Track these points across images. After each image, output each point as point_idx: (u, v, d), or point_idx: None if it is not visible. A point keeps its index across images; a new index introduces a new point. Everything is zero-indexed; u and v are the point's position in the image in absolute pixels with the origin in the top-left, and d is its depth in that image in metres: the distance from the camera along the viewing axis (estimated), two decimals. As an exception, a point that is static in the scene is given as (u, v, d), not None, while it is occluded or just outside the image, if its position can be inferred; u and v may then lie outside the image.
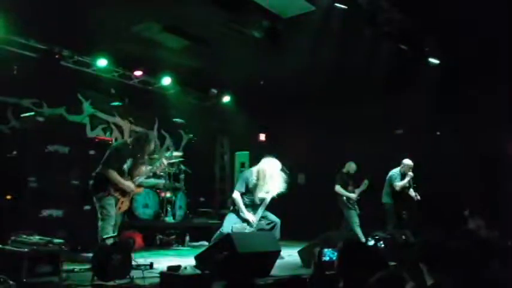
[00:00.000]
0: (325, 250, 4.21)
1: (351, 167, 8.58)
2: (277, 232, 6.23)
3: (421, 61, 8.14)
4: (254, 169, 6.43)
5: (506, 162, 8.17)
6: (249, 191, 6.28)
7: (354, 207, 8.32)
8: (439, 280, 2.63)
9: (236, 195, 6.27)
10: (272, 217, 6.36)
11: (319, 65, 8.09)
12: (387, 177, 8.22)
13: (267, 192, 6.30)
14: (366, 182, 8.30)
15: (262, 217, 6.28)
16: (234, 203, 6.32)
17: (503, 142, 8.18)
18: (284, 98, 10.09)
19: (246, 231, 6.05)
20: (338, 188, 8.36)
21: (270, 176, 6.25)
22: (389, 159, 8.50)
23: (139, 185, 5.76)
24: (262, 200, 6.30)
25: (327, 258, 4.20)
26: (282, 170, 6.38)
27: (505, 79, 7.78)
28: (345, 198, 8.32)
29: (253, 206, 6.29)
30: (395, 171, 8.17)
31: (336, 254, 3.88)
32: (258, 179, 6.27)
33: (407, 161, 8.09)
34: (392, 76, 8.30)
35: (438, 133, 8.96)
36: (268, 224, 6.28)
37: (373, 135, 9.18)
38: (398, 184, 7.98)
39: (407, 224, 7.88)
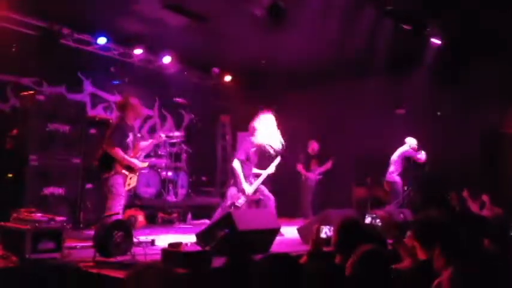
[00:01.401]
0: (323, 227, 4.26)
1: (312, 146, 9.34)
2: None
3: (423, 41, 8.08)
4: (253, 137, 6.52)
5: (508, 141, 8.17)
6: (248, 160, 6.35)
7: (312, 185, 9.13)
8: (431, 257, 2.67)
9: (236, 163, 6.35)
10: (267, 193, 6.47)
11: (321, 44, 8.03)
12: (398, 157, 8.21)
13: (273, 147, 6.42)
14: (330, 162, 9.09)
15: (257, 190, 6.39)
16: (233, 173, 6.39)
17: (505, 120, 8.17)
18: (286, 77, 10.03)
19: (240, 201, 6.17)
20: (298, 167, 9.22)
21: (270, 134, 6.42)
22: (391, 139, 8.50)
23: (143, 161, 5.82)
24: (259, 174, 6.46)
25: (324, 235, 4.26)
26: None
27: (506, 57, 7.74)
28: (303, 176, 9.16)
29: (250, 177, 6.38)
30: (408, 149, 8.20)
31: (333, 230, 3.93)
32: (260, 143, 6.39)
33: (412, 139, 8.22)
34: (394, 55, 8.24)
35: (439, 113, 8.94)
36: (263, 197, 6.40)
37: (375, 114, 9.16)
38: (423, 155, 8.10)
39: (409, 203, 7.96)
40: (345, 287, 2.16)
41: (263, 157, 6.61)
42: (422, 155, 8.13)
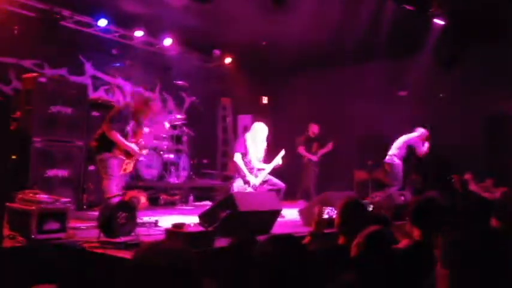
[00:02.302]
0: (325, 208, 4.31)
1: (313, 129, 9.30)
2: (281, 196, 6.39)
3: (425, 22, 8.04)
4: (248, 134, 6.63)
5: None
6: (247, 154, 6.42)
7: (315, 167, 9.15)
8: (426, 237, 2.72)
9: (237, 158, 6.40)
10: (276, 181, 6.51)
11: (322, 25, 7.99)
12: (404, 143, 8.17)
13: (259, 157, 6.50)
14: (331, 144, 9.09)
15: (265, 181, 6.43)
16: (236, 169, 6.45)
17: (508, 103, 8.16)
18: (287, 60, 10.01)
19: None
20: (300, 150, 9.18)
21: (261, 141, 6.50)
22: (393, 121, 8.51)
23: (143, 147, 5.84)
24: (262, 167, 6.50)
25: (326, 216, 4.31)
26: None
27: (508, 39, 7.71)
28: (305, 159, 9.12)
29: (252, 170, 6.43)
30: (414, 139, 8.14)
31: (335, 212, 3.98)
32: (251, 144, 6.48)
33: (423, 130, 8.16)
34: (397, 37, 8.21)
35: (441, 95, 8.93)
36: (273, 186, 6.44)
37: (377, 97, 9.16)
38: (424, 150, 8.04)
39: (411, 186, 8.01)
40: (350, 268, 2.19)
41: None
42: (424, 148, 8.06)
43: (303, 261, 2.02)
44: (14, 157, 6.13)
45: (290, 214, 6.58)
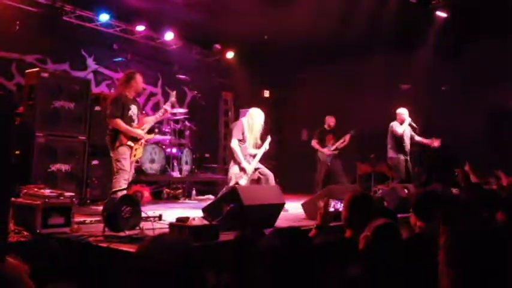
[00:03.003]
0: (331, 201, 4.31)
1: (329, 121, 9.02)
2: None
3: (428, 14, 8.02)
4: (245, 119, 6.61)
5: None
6: (244, 140, 6.44)
7: (326, 161, 8.82)
8: (427, 228, 2.73)
9: (234, 144, 6.41)
10: (265, 170, 6.53)
11: (324, 19, 7.97)
12: (388, 131, 8.19)
13: (256, 143, 6.50)
14: (348, 136, 8.74)
15: (256, 169, 6.45)
16: (232, 154, 6.46)
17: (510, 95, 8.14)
18: (288, 53, 9.99)
19: (242, 181, 6.23)
20: (313, 143, 8.98)
21: (257, 126, 6.48)
22: (395, 114, 8.48)
23: (150, 131, 5.87)
24: (255, 153, 6.50)
25: (332, 209, 4.32)
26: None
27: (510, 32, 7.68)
28: (319, 152, 8.90)
29: (247, 157, 6.46)
30: (393, 122, 8.12)
31: (341, 204, 3.99)
32: (247, 130, 6.47)
33: (399, 110, 8.03)
34: (400, 31, 8.18)
35: (443, 88, 8.91)
36: (262, 175, 6.46)
37: (379, 91, 9.14)
38: (398, 131, 7.92)
39: (414, 179, 7.99)
40: (358, 261, 2.19)
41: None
42: (400, 129, 7.90)
43: (309, 254, 2.02)
44: (17, 152, 6.14)
45: (295, 207, 6.60)
